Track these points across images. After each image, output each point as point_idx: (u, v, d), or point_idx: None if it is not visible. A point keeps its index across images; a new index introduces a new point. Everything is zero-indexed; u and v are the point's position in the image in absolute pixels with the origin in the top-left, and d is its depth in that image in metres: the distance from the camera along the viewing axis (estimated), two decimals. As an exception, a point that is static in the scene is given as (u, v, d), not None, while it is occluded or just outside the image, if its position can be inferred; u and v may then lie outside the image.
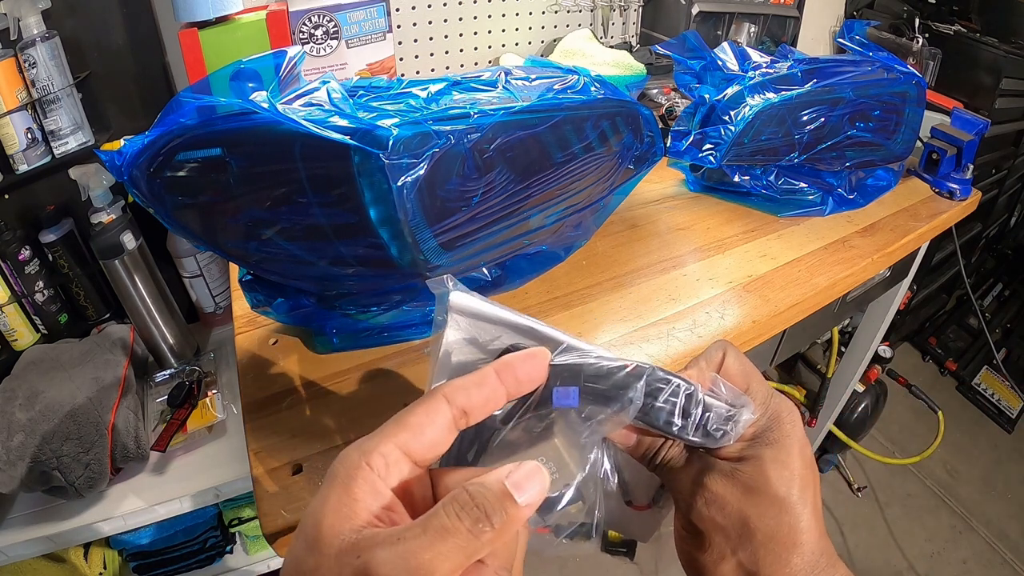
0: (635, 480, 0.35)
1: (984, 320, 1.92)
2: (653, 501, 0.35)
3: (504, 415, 0.28)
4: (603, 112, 0.57)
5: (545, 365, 0.27)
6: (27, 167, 0.86)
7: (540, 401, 0.28)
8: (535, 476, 0.21)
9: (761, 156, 0.79)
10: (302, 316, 0.57)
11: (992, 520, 1.63)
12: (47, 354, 0.92)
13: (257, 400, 0.55)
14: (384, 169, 0.41)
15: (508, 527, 0.20)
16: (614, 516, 0.35)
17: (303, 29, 0.81)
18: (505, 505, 0.20)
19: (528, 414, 0.28)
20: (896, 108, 0.85)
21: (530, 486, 0.21)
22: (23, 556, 0.85)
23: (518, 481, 0.21)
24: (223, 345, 1.09)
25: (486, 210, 0.50)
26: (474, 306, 0.29)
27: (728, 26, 1.24)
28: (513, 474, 0.21)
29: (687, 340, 0.63)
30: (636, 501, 0.35)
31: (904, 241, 0.82)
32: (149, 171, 0.43)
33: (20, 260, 0.90)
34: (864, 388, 1.57)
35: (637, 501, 0.35)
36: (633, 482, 0.35)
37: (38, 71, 0.82)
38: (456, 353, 0.28)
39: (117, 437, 0.84)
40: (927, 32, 1.52)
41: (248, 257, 0.49)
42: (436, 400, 0.23)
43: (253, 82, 0.46)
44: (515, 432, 0.29)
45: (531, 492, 0.21)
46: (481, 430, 0.28)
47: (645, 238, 0.80)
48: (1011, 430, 1.87)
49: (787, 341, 0.89)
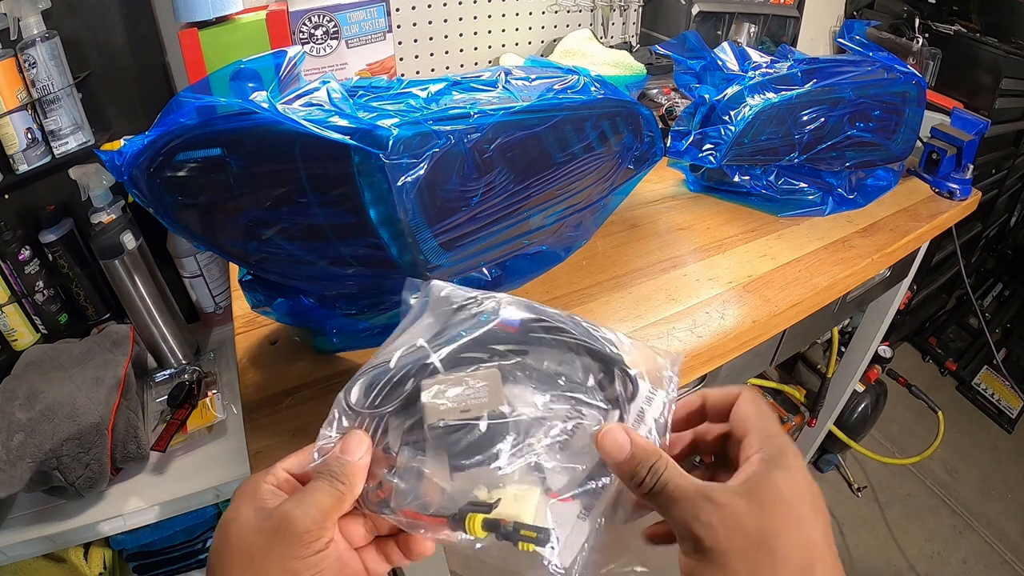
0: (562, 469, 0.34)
1: (984, 320, 1.92)
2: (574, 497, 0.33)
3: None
4: (603, 112, 0.57)
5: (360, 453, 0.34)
6: (27, 167, 0.86)
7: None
8: (356, 439, 0.32)
9: (761, 156, 0.79)
10: (302, 316, 0.57)
11: (992, 520, 1.63)
12: (47, 354, 0.91)
13: (257, 400, 0.55)
14: (384, 169, 0.41)
15: (350, 473, 0.31)
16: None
17: (303, 29, 0.81)
18: (342, 462, 0.31)
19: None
20: (896, 108, 0.85)
21: (355, 447, 0.32)
22: (23, 556, 0.85)
23: (346, 446, 0.32)
24: (223, 345, 1.09)
25: (486, 210, 0.50)
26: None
27: (728, 26, 1.24)
28: (344, 442, 0.32)
29: (687, 340, 0.63)
30: (558, 491, 0.33)
31: (904, 241, 0.82)
32: (149, 171, 0.43)
33: (20, 260, 0.90)
34: (864, 388, 1.57)
35: (559, 491, 0.33)
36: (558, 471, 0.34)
37: (38, 71, 0.82)
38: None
39: (117, 437, 0.84)
40: (927, 32, 1.52)
41: (248, 257, 0.49)
42: (308, 449, 0.34)
43: (253, 82, 0.46)
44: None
45: (356, 449, 0.32)
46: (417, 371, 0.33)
47: (645, 238, 0.80)
48: (1011, 430, 1.87)
49: (787, 341, 0.89)
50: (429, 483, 0.32)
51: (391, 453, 0.33)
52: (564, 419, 0.33)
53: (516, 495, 0.31)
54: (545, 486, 0.32)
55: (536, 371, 0.34)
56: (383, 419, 0.33)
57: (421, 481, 0.32)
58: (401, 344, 0.35)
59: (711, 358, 0.64)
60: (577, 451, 0.33)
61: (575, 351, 0.35)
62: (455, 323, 0.35)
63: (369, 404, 0.33)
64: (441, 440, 0.32)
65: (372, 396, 0.33)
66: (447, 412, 0.32)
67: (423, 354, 0.33)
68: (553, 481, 0.32)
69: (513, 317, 0.35)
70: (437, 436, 0.31)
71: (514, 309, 0.35)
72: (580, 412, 0.34)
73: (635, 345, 0.37)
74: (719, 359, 0.65)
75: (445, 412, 0.32)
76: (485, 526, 0.30)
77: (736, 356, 0.67)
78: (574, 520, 0.32)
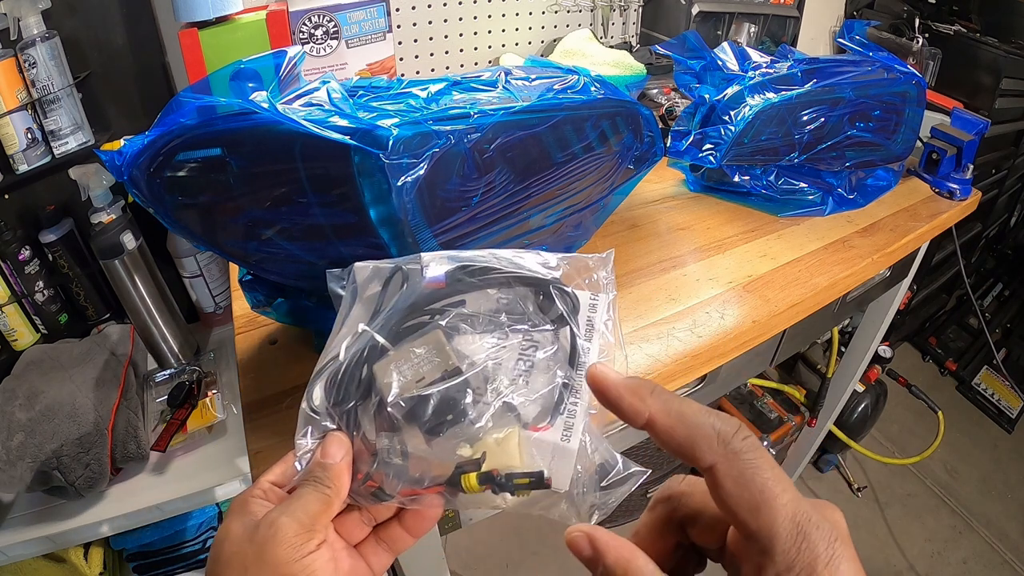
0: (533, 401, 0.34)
1: (984, 320, 1.92)
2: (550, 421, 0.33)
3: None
4: (603, 112, 0.57)
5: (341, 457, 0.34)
6: (27, 167, 0.86)
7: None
8: (333, 442, 0.32)
9: (761, 156, 0.79)
10: (302, 316, 0.57)
11: (992, 520, 1.63)
12: (47, 354, 0.92)
13: (257, 400, 0.55)
14: (384, 169, 0.41)
15: (334, 476, 0.31)
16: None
17: (303, 29, 0.81)
18: (324, 467, 0.31)
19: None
20: (896, 108, 0.85)
21: (334, 450, 0.32)
22: (23, 556, 0.84)
23: (325, 450, 0.32)
24: (223, 345, 1.09)
25: (486, 210, 0.50)
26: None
27: (728, 26, 1.24)
28: (323, 447, 0.32)
29: (687, 340, 0.63)
30: (535, 423, 0.33)
31: (904, 241, 0.82)
32: (149, 171, 0.43)
33: (20, 260, 0.90)
34: (864, 388, 1.57)
35: (536, 422, 0.33)
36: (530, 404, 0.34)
37: (38, 71, 0.82)
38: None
39: (117, 437, 0.84)
40: (927, 32, 1.52)
41: (248, 257, 0.49)
42: (288, 459, 0.34)
43: (253, 82, 0.46)
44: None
45: (335, 452, 0.32)
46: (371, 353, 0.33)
47: (645, 238, 0.80)
48: (1011, 430, 1.88)
49: (787, 341, 0.89)
50: (413, 458, 0.32)
51: (370, 442, 0.33)
52: (518, 353, 0.34)
53: (497, 440, 0.32)
54: (522, 423, 0.32)
55: (476, 317, 0.34)
56: (351, 413, 0.33)
57: (407, 460, 0.32)
58: (344, 335, 0.35)
59: (711, 358, 0.64)
60: (540, 379, 0.33)
61: (508, 284, 0.35)
62: (388, 297, 0.36)
63: (333, 403, 0.33)
64: (408, 415, 0.32)
65: (333, 394, 0.33)
66: (404, 387, 0.32)
67: (367, 337, 0.34)
68: (527, 415, 0.32)
69: (437, 273, 0.35)
70: (402, 413, 0.32)
71: (435, 265, 0.35)
72: (532, 339, 0.34)
73: (564, 259, 0.37)
74: (719, 359, 0.65)
75: (402, 388, 0.32)
76: (480, 480, 0.31)
77: (736, 356, 0.67)
78: (557, 444, 0.32)
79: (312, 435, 0.33)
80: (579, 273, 0.36)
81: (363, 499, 0.33)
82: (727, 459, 0.23)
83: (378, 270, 0.37)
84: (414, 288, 0.35)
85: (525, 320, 0.35)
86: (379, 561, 0.35)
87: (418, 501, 0.32)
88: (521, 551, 1.51)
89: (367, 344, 0.33)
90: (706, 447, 0.23)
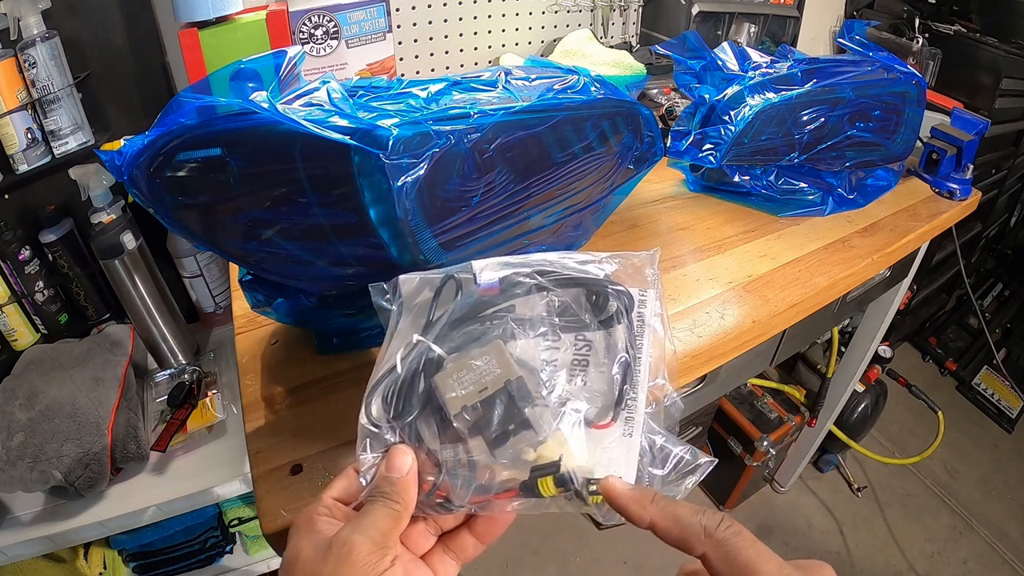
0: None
1: (984, 320, 1.92)
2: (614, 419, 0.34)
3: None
4: (603, 112, 0.57)
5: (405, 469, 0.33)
6: (27, 167, 0.86)
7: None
8: (399, 455, 0.32)
9: (761, 156, 0.79)
10: (302, 316, 0.57)
11: (992, 520, 1.63)
12: (47, 354, 0.92)
13: (257, 400, 0.55)
14: (384, 169, 0.41)
15: (401, 490, 0.31)
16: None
17: (303, 29, 0.81)
18: (391, 481, 0.31)
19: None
20: (896, 108, 0.85)
21: (400, 463, 0.32)
22: (23, 556, 0.85)
23: (391, 464, 0.32)
24: (223, 345, 1.09)
25: (486, 210, 0.50)
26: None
27: (728, 26, 1.24)
28: (389, 461, 0.32)
29: (687, 340, 0.63)
30: (597, 420, 0.34)
31: (904, 241, 0.82)
32: (149, 171, 0.43)
33: (20, 260, 0.90)
34: (864, 388, 1.57)
35: (597, 420, 0.34)
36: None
37: (38, 71, 0.82)
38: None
39: (117, 437, 0.84)
40: (927, 32, 1.52)
41: (248, 257, 0.49)
42: (350, 473, 0.35)
43: (253, 82, 0.46)
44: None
45: (401, 465, 0.32)
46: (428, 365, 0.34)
47: (645, 238, 0.80)
48: (1011, 430, 1.88)
49: (787, 341, 0.89)
50: (480, 466, 0.32)
51: (433, 453, 0.33)
52: (574, 354, 0.34)
53: (561, 443, 0.32)
54: (584, 423, 0.33)
55: (531, 321, 0.35)
56: (412, 425, 0.33)
57: (473, 469, 0.32)
58: (397, 347, 0.35)
59: (711, 358, 0.64)
60: (596, 378, 0.34)
61: (561, 286, 0.36)
62: (440, 306, 0.36)
63: (393, 415, 0.33)
64: (473, 426, 0.32)
65: (392, 406, 0.33)
66: (467, 398, 0.32)
67: (423, 348, 0.34)
68: (589, 414, 0.33)
69: (492, 279, 0.35)
70: (467, 424, 0.32)
71: (489, 272, 0.36)
72: (585, 339, 0.35)
73: (611, 258, 0.37)
74: (719, 359, 0.65)
75: (465, 399, 0.32)
76: (557, 483, 0.31)
77: (736, 356, 0.67)
78: (620, 440, 0.33)
79: (373, 449, 0.33)
80: (625, 270, 0.37)
81: (430, 510, 0.33)
82: (714, 547, 0.29)
83: (426, 280, 0.37)
84: (469, 296, 0.35)
85: (577, 321, 0.35)
86: (446, 570, 0.35)
87: (489, 507, 0.33)
88: (522, 550, 1.51)
89: (422, 355, 0.33)
90: (696, 541, 0.29)
